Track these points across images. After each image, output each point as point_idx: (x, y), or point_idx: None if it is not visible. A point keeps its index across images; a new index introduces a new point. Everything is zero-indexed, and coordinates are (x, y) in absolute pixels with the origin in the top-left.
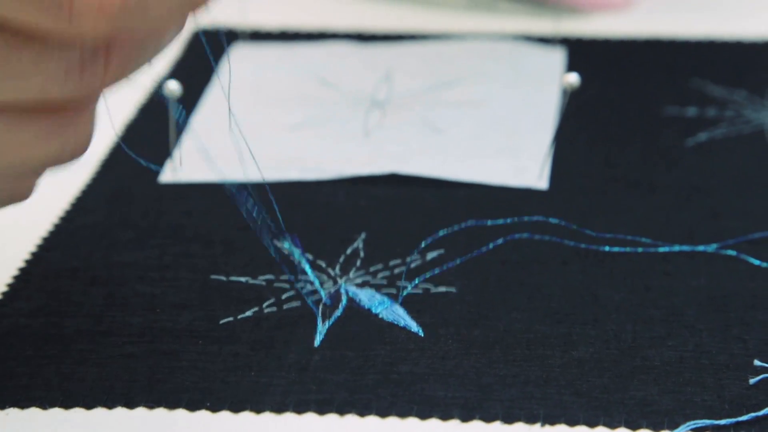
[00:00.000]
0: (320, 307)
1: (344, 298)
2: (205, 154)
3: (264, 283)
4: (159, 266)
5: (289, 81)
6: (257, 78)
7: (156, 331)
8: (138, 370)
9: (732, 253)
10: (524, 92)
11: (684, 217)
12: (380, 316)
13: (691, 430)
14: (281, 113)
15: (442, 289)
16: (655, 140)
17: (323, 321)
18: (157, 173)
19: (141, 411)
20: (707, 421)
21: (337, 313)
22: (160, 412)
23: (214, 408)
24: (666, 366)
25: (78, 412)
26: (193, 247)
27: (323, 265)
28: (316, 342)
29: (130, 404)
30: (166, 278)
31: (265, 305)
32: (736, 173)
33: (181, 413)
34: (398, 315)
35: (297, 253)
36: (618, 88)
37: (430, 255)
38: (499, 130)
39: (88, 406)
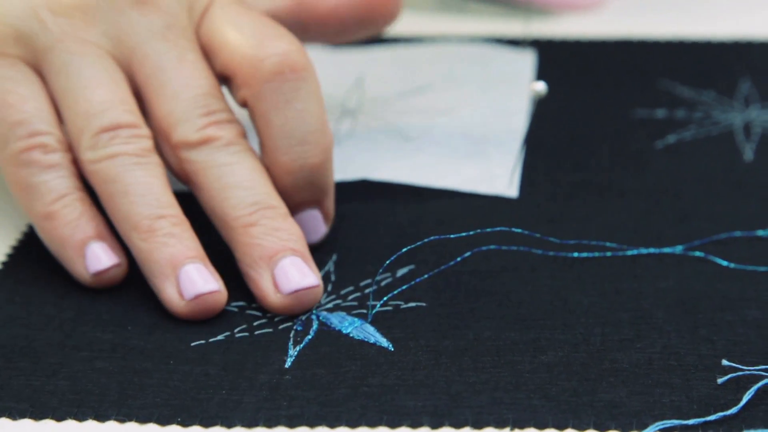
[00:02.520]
0: (292, 332)
1: (315, 324)
2: None
3: (236, 309)
4: (131, 281)
5: None
6: None
7: (127, 348)
8: (109, 385)
9: (700, 254)
10: (494, 97)
11: (653, 219)
12: (351, 335)
13: (660, 430)
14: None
15: (412, 304)
16: (624, 143)
17: (294, 346)
18: None
19: (112, 424)
20: (675, 422)
21: (309, 337)
22: (132, 426)
23: (185, 423)
24: (634, 368)
25: (48, 424)
26: None
27: None
28: (287, 364)
29: (101, 417)
30: (138, 294)
31: (236, 330)
32: (705, 175)
33: (152, 427)
34: (368, 333)
35: None
36: (587, 90)
37: (401, 272)
38: (470, 137)
39: (59, 419)
